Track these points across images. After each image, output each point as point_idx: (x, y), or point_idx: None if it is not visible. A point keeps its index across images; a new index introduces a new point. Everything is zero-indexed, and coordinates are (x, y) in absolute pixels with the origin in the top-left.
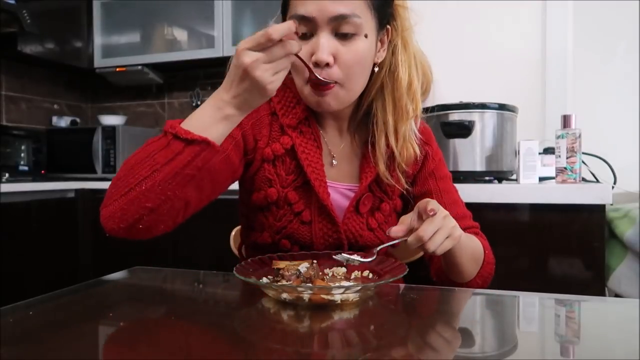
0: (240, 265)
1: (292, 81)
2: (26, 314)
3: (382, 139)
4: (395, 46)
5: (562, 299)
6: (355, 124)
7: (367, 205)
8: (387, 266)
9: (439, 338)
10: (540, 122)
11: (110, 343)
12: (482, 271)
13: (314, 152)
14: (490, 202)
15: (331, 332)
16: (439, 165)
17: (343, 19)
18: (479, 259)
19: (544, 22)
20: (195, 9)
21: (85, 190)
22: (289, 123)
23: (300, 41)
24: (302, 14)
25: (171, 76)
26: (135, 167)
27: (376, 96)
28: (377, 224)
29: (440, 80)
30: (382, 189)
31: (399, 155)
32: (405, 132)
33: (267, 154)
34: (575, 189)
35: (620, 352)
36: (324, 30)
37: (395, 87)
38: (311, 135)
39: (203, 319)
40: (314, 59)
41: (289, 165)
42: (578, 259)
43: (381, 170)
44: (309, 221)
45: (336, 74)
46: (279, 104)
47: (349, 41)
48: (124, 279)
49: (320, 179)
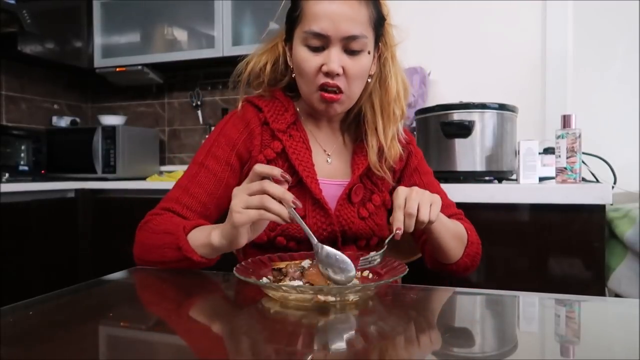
0: (240, 265)
1: (280, 93)
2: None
3: (373, 137)
4: (386, 59)
5: (562, 299)
6: (346, 125)
7: (358, 195)
8: (387, 266)
9: (439, 338)
10: (540, 122)
11: (110, 343)
12: (468, 250)
13: (304, 152)
14: (490, 202)
15: (331, 332)
16: (421, 162)
17: (353, 39)
18: (462, 238)
19: (544, 22)
20: (195, 9)
21: (85, 190)
22: (279, 127)
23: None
24: (318, 31)
25: (171, 76)
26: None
27: (366, 101)
28: (368, 213)
29: (440, 80)
30: (373, 181)
31: (387, 151)
32: (393, 133)
33: (260, 160)
34: (575, 189)
35: (620, 352)
36: (336, 46)
37: (385, 94)
38: (300, 137)
39: (203, 319)
40: (326, 69)
41: (282, 167)
42: (578, 259)
43: (372, 160)
44: (302, 216)
45: (342, 84)
46: (269, 113)
47: (356, 57)
48: (124, 279)
49: (312, 176)
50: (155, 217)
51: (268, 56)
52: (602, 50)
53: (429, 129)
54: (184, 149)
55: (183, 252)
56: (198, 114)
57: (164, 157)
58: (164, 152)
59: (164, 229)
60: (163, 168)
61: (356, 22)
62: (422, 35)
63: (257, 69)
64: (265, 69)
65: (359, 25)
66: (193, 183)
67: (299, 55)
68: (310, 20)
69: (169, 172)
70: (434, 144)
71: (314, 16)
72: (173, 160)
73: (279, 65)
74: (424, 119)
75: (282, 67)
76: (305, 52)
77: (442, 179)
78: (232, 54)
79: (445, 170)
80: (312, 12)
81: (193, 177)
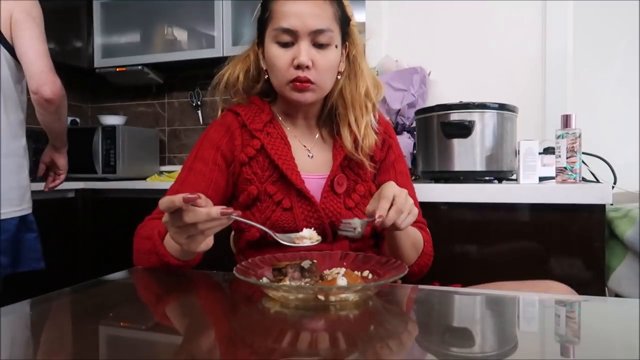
0: (240, 265)
1: (256, 98)
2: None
3: (345, 128)
4: (354, 57)
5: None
6: (321, 121)
7: (342, 185)
8: (387, 266)
9: (439, 338)
10: (540, 122)
11: (110, 343)
12: (419, 260)
13: (283, 147)
14: (490, 202)
15: (331, 332)
16: (399, 159)
17: (320, 32)
18: (419, 248)
19: (544, 22)
20: (195, 9)
21: (85, 190)
22: (255, 127)
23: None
24: (287, 27)
25: (171, 76)
26: (141, 257)
27: (337, 97)
28: (354, 203)
29: (440, 80)
30: (355, 171)
31: (361, 140)
32: (366, 122)
33: (242, 158)
34: (575, 189)
35: (620, 352)
36: (305, 40)
37: (355, 89)
38: (277, 134)
39: (203, 319)
40: (296, 63)
41: (263, 163)
42: (578, 259)
43: (348, 147)
44: (289, 207)
45: (312, 76)
46: (246, 115)
47: (324, 50)
48: (124, 279)
49: (292, 168)
50: (150, 222)
51: (241, 66)
52: (602, 51)
53: (429, 129)
54: (184, 149)
55: (161, 256)
56: (198, 114)
57: (164, 157)
58: (164, 152)
59: (146, 234)
60: (163, 168)
61: (322, 18)
62: (422, 35)
63: (233, 79)
64: (239, 78)
65: (325, 20)
66: (184, 186)
67: (271, 52)
68: (279, 19)
69: (169, 172)
70: (434, 144)
71: (282, 14)
72: (173, 160)
73: (251, 72)
74: (424, 119)
75: (254, 73)
76: (276, 49)
77: (442, 179)
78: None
79: (445, 170)
80: (280, 11)
81: (184, 180)
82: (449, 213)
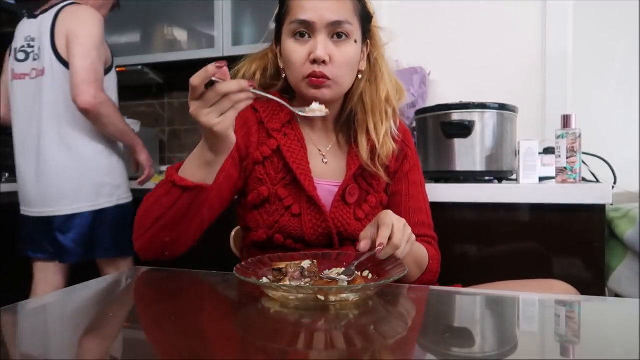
0: (240, 265)
1: (276, 94)
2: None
3: (363, 135)
4: (375, 59)
5: (562, 299)
6: (339, 126)
7: (353, 196)
8: (387, 266)
9: (439, 338)
10: (540, 122)
11: (110, 343)
12: (422, 277)
13: (299, 151)
14: (490, 202)
15: (331, 332)
16: (414, 169)
17: (338, 25)
18: (422, 265)
19: (544, 22)
20: (195, 9)
21: None
22: (273, 127)
23: (299, 41)
24: (303, 19)
25: (171, 76)
26: (150, 210)
27: (357, 101)
28: (364, 214)
29: (440, 80)
30: (368, 182)
31: (379, 149)
32: (386, 129)
33: (257, 156)
34: (575, 189)
35: (620, 352)
36: (322, 34)
37: (375, 94)
38: (295, 136)
39: (203, 319)
40: (313, 57)
41: (277, 165)
42: (578, 259)
43: (364, 158)
44: (298, 214)
45: (329, 71)
46: (264, 113)
47: (342, 44)
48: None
49: (306, 174)
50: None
51: (258, 63)
52: (602, 50)
53: (429, 129)
54: (184, 149)
55: (178, 183)
56: None
57: (164, 157)
58: (164, 152)
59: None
60: (163, 168)
61: (340, 10)
62: (422, 35)
63: (248, 75)
64: (255, 75)
65: (343, 13)
66: None
67: (287, 47)
68: (296, 12)
69: None
70: (434, 144)
71: (299, 7)
72: (173, 160)
73: (269, 71)
74: (424, 119)
75: (272, 72)
76: (292, 44)
77: (442, 179)
78: (232, 54)
79: (445, 170)
80: (297, 4)
81: None
82: (449, 213)
